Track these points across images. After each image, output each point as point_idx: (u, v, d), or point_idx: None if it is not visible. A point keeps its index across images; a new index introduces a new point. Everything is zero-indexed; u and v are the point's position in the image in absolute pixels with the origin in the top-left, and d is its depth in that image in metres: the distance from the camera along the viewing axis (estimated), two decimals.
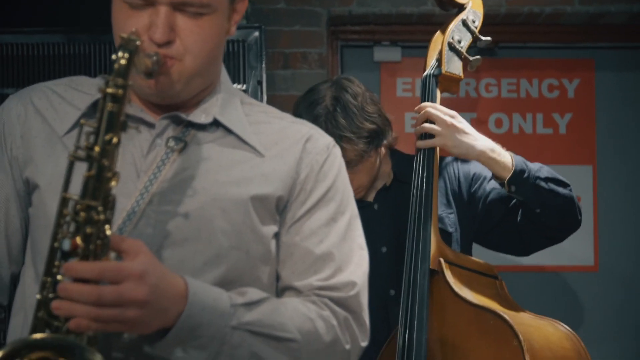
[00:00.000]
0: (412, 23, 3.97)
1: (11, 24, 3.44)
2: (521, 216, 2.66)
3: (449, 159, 2.82)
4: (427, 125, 2.59)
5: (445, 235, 2.64)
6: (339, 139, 2.56)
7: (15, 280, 1.69)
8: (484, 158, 2.56)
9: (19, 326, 1.61)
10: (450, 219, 2.73)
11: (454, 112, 2.63)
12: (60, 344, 1.34)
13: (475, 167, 2.77)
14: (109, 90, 1.40)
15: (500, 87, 4.12)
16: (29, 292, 1.61)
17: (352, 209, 1.73)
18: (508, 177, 2.53)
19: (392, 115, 2.81)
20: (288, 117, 1.76)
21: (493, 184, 2.70)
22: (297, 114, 2.69)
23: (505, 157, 2.57)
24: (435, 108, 2.60)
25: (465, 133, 2.58)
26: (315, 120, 2.59)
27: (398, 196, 2.71)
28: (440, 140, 2.58)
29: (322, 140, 1.72)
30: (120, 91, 1.40)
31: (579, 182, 4.04)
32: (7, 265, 1.67)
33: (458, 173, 2.78)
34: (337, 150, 1.74)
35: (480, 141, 2.59)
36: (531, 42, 4.14)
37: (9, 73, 3.39)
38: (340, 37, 4.07)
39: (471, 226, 2.77)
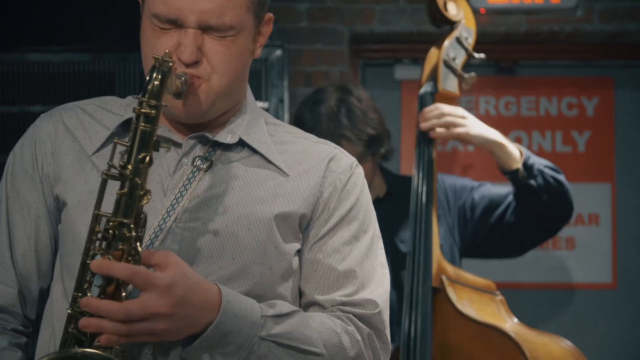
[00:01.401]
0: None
1: (37, 42, 3.49)
2: (521, 212, 2.70)
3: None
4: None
5: None
6: (340, 137, 2.62)
7: (43, 295, 1.73)
8: (496, 145, 2.64)
9: (47, 340, 1.64)
10: (440, 232, 2.76)
11: (461, 108, 2.70)
12: (92, 358, 1.38)
13: (461, 180, 2.89)
14: (143, 110, 1.44)
15: (520, 105, 4.14)
16: (57, 307, 1.65)
17: (375, 227, 1.75)
18: (522, 162, 2.59)
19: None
20: (312, 137, 1.78)
21: (481, 191, 2.81)
22: (299, 112, 2.75)
23: (510, 144, 2.66)
24: (447, 107, 2.68)
25: (479, 123, 2.68)
26: (317, 118, 2.65)
27: (390, 210, 2.73)
28: (463, 130, 2.65)
29: (346, 159, 1.74)
30: (153, 112, 1.45)
31: (597, 199, 4.05)
32: (36, 280, 1.70)
33: (444, 187, 2.85)
34: (360, 170, 1.76)
35: (490, 129, 2.68)
36: (551, 60, 4.16)
37: (35, 91, 3.43)
38: (361, 55, 4.09)
39: (462, 237, 2.81)
